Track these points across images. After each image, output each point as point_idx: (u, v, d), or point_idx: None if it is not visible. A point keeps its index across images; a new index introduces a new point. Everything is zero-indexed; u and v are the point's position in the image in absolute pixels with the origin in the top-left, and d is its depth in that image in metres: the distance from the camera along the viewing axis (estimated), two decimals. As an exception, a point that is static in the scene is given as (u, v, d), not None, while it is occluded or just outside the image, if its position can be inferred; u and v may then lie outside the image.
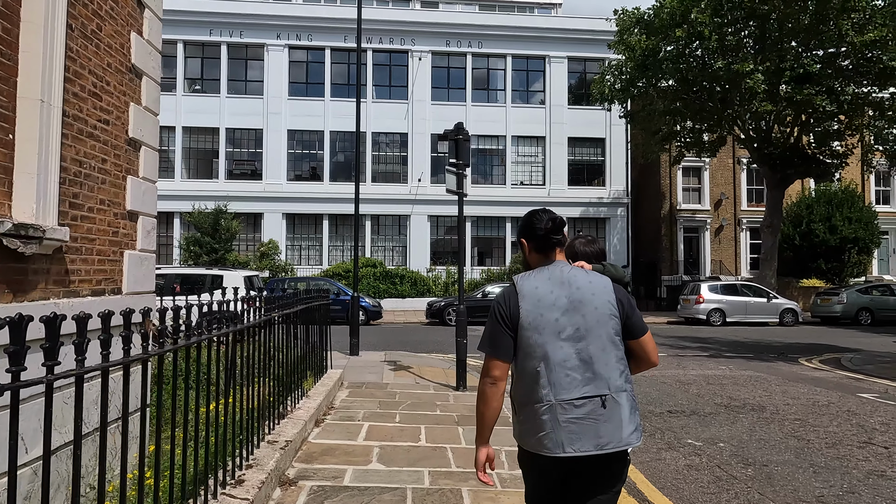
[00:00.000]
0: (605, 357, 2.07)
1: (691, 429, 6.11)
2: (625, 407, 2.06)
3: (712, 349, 13.22)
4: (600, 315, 2.10)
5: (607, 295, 2.15)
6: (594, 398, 2.04)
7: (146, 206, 5.47)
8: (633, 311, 2.21)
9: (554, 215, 2.29)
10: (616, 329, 2.12)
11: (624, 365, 2.12)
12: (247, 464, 3.92)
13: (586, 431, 2.01)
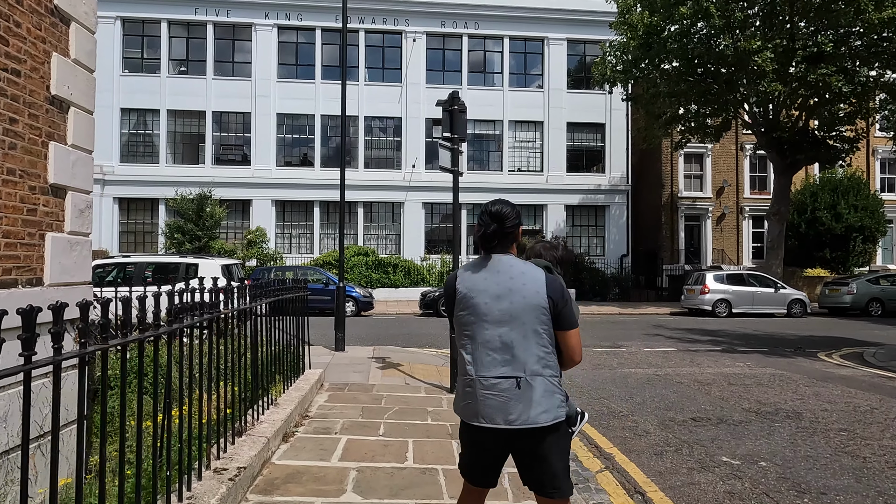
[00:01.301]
0: (525, 343, 2.25)
1: (723, 442, 5.27)
2: (537, 390, 2.23)
3: (724, 343, 12.42)
4: (529, 307, 2.26)
5: (537, 286, 2.27)
6: (510, 378, 2.25)
7: (77, 179, 4.54)
8: (564, 304, 2.30)
9: (497, 219, 2.37)
10: (542, 319, 2.26)
11: (546, 353, 2.27)
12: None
13: (499, 407, 2.25)
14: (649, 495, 4.10)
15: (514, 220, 2.38)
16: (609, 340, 12.62)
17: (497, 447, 2.34)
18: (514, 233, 2.39)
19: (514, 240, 2.40)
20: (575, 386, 7.78)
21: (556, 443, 2.31)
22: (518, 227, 2.40)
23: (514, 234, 2.39)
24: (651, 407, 6.61)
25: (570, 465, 4.87)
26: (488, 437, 2.30)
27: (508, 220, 2.36)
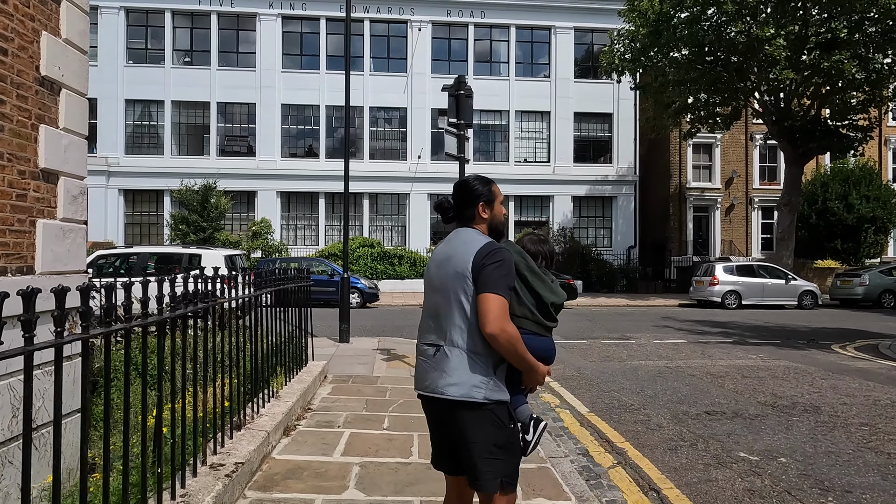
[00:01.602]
0: (448, 313, 2.21)
1: (740, 437, 5.09)
2: (451, 361, 2.17)
3: (735, 335, 12.21)
4: (454, 274, 2.20)
5: (466, 255, 2.19)
6: (434, 346, 2.24)
7: (70, 164, 4.38)
8: (483, 270, 2.14)
9: (455, 190, 2.40)
10: (464, 289, 2.17)
11: (468, 325, 2.17)
12: (172, 503, 2.90)
13: (422, 374, 2.28)
14: (665, 492, 3.93)
15: (471, 193, 2.33)
16: (618, 332, 12.43)
17: (429, 418, 2.35)
18: (473, 207, 2.32)
19: (474, 215, 2.33)
20: (584, 378, 7.61)
21: (477, 429, 2.16)
22: (477, 201, 2.32)
23: (474, 209, 2.32)
24: (663, 400, 6.43)
25: (581, 459, 4.72)
26: (423, 405, 2.35)
27: (463, 190, 2.35)
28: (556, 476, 4.01)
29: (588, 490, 3.81)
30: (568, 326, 13.42)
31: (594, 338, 11.54)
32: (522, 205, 27.99)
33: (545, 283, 2.51)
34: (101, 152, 25.71)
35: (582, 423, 5.56)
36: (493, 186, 2.39)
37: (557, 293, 2.54)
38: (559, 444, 4.90)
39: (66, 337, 2.20)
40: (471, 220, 2.32)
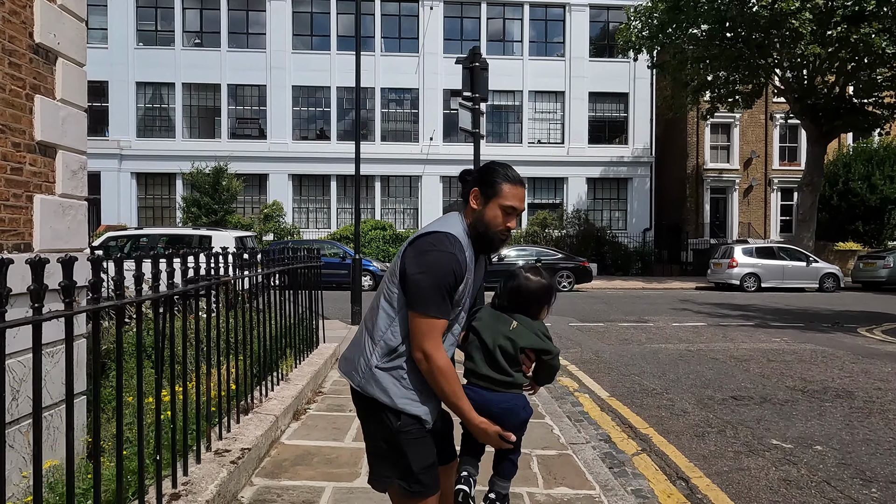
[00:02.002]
0: (371, 313, 2.00)
1: (771, 423, 4.84)
2: (353, 336, 2.08)
3: (756, 318, 11.89)
4: (387, 274, 2.00)
5: (398, 257, 1.96)
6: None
7: (68, 138, 4.18)
8: (407, 278, 1.86)
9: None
10: (389, 290, 1.94)
11: (387, 326, 1.91)
12: (173, 492, 2.73)
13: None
14: (694, 482, 3.72)
15: (479, 174, 1.99)
16: (635, 315, 12.16)
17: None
18: (468, 189, 1.98)
19: (466, 199, 1.99)
20: (602, 361, 7.38)
21: (365, 418, 2.00)
22: (475, 185, 1.96)
23: (468, 192, 1.97)
24: (686, 384, 6.19)
25: (604, 446, 4.51)
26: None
27: (479, 169, 2.02)
28: (579, 463, 3.81)
29: (612, 478, 3.60)
30: (584, 309, 13.17)
31: (611, 321, 11.29)
32: (536, 187, 27.60)
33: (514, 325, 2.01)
34: (113, 136, 25.67)
35: (602, 408, 5.35)
36: (505, 184, 1.93)
37: (525, 337, 1.99)
38: (580, 429, 4.70)
39: (76, 308, 2.12)
40: (464, 203, 1.99)
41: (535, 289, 2.02)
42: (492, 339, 1.98)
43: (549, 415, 4.86)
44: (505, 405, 1.97)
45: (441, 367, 1.82)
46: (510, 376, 1.98)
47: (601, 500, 3.28)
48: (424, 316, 1.81)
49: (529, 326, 2.01)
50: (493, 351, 1.97)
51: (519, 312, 2.02)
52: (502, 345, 1.97)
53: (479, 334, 2.01)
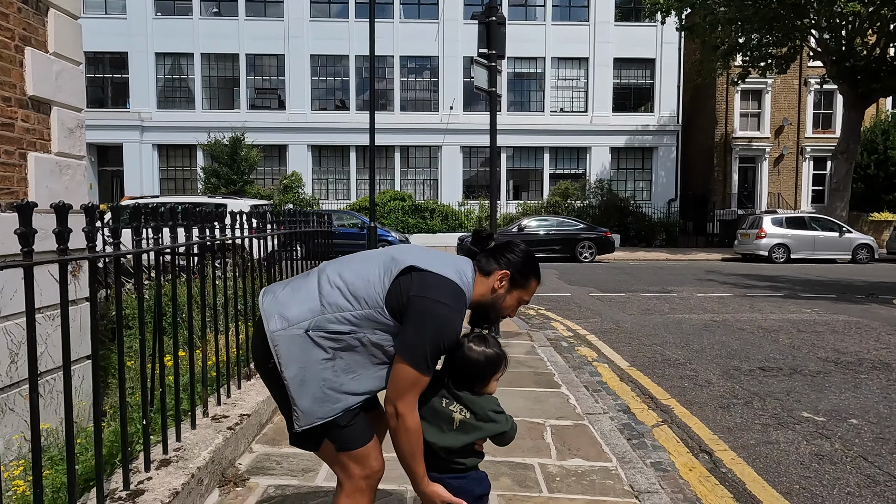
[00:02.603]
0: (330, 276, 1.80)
1: (801, 395, 4.58)
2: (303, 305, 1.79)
3: (784, 288, 11.48)
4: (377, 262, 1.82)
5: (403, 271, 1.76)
6: None
7: (63, 93, 4.01)
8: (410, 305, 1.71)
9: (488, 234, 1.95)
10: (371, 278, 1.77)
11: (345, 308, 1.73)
12: (163, 458, 2.60)
13: None
14: (718, 455, 3.50)
15: (519, 258, 1.88)
16: (658, 285, 11.84)
17: None
18: (500, 267, 1.85)
19: (490, 273, 1.84)
20: (623, 331, 7.14)
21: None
22: (510, 267, 1.85)
23: (498, 268, 1.84)
24: (711, 355, 5.93)
25: (622, 417, 4.31)
26: None
27: (517, 251, 1.90)
28: (595, 434, 3.61)
29: (630, 450, 3.40)
30: (605, 279, 12.88)
31: (633, 291, 10.99)
32: (558, 156, 27.05)
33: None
34: (133, 107, 25.73)
35: (622, 378, 5.13)
36: (535, 281, 1.90)
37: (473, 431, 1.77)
38: (597, 399, 4.49)
39: (70, 254, 2.06)
40: (485, 273, 1.83)
41: (479, 361, 1.78)
42: (436, 439, 1.76)
43: (566, 384, 4.66)
44: (456, 483, 1.78)
45: (410, 428, 1.69)
46: (462, 464, 1.80)
47: (618, 472, 3.09)
48: (415, 368, 1.66)
49: (477, 414, 1.77)
50: (439, 452, 1.77)
51: (467, 388, 1.79)
52: (448, 446, 1.76)
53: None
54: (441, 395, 1.78)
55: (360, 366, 1.73)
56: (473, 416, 1.76)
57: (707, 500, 2.96)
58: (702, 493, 3.03)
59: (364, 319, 1.70)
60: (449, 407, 1.76)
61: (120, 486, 2.32)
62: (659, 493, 2.90)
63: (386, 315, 1.69)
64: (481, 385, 1.81)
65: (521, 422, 3.80)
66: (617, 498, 2.80)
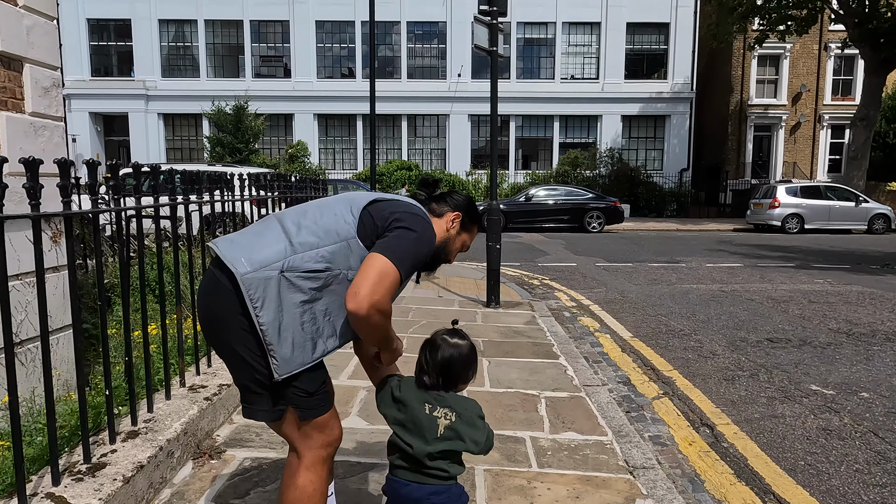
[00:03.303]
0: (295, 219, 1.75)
1: (810, 368, 4.40)
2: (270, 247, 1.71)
3: (797, 259, 11.20)
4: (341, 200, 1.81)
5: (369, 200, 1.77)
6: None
7: (36, 50, 3.81)
8: (391, 228, 1.69)
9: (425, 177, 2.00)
10: (338, 213, 1.76)
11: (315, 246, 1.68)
12: (131, 429, 2.48)
13: None
14: (720, 429, 3.34)
15: (465, 202, 1.94)
16: (666, 256, 11.60)
17: None
18: (451, 210, 1.90)
19: (443, 214, 1.88)
20: (628, 301, 6.96)
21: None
22: (458, 209, 1.91)
23: (450, 211, 1.90)
24: (717, 325, 5.75)
25: (622, 388, 4.17)
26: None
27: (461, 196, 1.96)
28: (591, 407, 3.47)
29: (628, 423, 3.26)
30: (612, 249, 12.65)
31: (640, 261, 10.77)
32: (568, 125, 26.52)
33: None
34: (138, 76, 25.44)
35: (624, 349, 4.97)
36: (477, 227, 1.97)
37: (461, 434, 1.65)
38: (597, 370, 4.34)
39: (42, 211, 2.01)
40: (437, 216, 1.87)
41: (466, 354, 1.73)
42: (418, 447, 1.64)
43: (565, 355, 4.51)
44: (436, 498, 1.65)
45: (384, 322, 1.63)
46: (445, 471, 1.66)
47: (613, 446, 2.95)
48: (394, 265, 1.60)
49: (462, 416, 1.67)
50: (422, 459, 1.65)
51: (452, 386, 1.72)
52: (431, 452, 1.64)
53: (401, 438, 1.68)
54: (423, 402, 1.68)
55: (338, 307, 1.66)
56: (459, 418, 1.66)
57: (706, 477, 2.81)
58: (701, 469, 2.88)
59: (337, 254, 1.65)
60: (433, 413, 1.66)
61: (80, 459, 2.20)
62: (655, 468, 2.75)
63: (360, 245, 1.66)
64: (464, 380, 1.75)
65: (514, 393, 3.68)
66: (610, 473, 2.67)
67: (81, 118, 25.23)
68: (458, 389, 1.74)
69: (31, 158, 1.96)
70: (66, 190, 2.19)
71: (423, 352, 1.73)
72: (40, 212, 2.00)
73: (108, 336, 3.82)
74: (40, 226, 2.06)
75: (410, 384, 1.73)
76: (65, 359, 3.64)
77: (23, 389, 3.31)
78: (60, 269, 3.81)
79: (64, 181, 2.16)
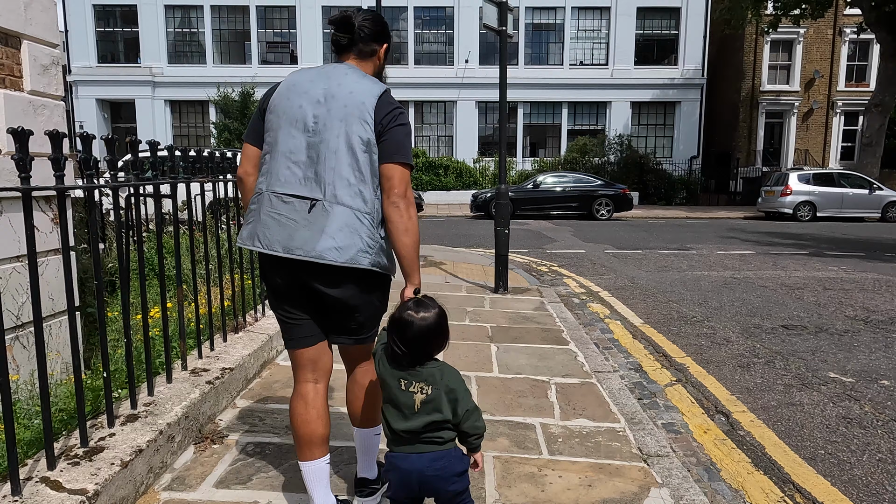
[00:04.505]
0: (333, 162, 1.79)
1: (828, 355, 4.29)
2: (335, 220, 1.77)
3: (810, 246, 11.03)
4: (346, 116, 1.79)
5: (363, 97, 1.81)
6: (307, 200, 1.80)
7: (34, 26, 3.73)
8: (391, 130, 1.80)
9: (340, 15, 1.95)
10: (361, 137, 1.78)
11: (358, 180, 1.79)
12: (130, 413, 2.42)
13: (284, 231, 1.80)
14: (735, 416, 3.25)
15: (384, 28, 1.97)
16: (676, 243, 11.45)
17: (285, 284, 1.86)
18: (379, 44, 1.96)
19: (374, 52, 1.95)
20: (638, 288, 6.85)
21: (365, 295, 1.87)
22: (380, 43, 1.96)
23: (378, 47, 1.96)
24: (730, 312, 5.63)
25: (633, 375, 4.08)
26: (272, 270, 1.86)
27: (377, 23, 1.95)
28: (603, 393, 3.38)
29: (640, 410, 3.17)
30: (622, 236, 12.51)
31: (650, 248, 10.63)
32: (577, 111, 26.23)
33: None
34: (145, 62, 25.34)
35: (635, 336, 4.87)
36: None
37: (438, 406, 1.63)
38: (608, 357, 4.25)
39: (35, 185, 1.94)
40: (368, 56, 1.94)
41: (435, 324, 1.65)
42: (399, 424, 1.65)
43: (575, 341, 4.42)
44: (437, 464, 1.63)
45: (415, 215, 1.85)
46: (440, 437, 1.65)
47: (625, 433, 2.86)
48: (408, 166, 1.83)
49: (434, 386, 1.63)
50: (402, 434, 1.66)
51: (424, 356, 1.65)
52: (410, 428, 1.63)
53: (385, 414, 1.70)
54: (399, 379, 1.64)
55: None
56: (435, 390, 1.62)
57: (722, 465, 2.72)
58: (717, 458, 2.79)
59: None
60: (409, 389, 1.63)
61: (77, 443, 2.14)
62: (670, 456, 2.66)
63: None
64: (438, 348, 1.69)
65: (523, 379, 3.59)
66: (623, 461, 2.58)
67: (88, 105, 25.20)
68: (431, 358, 1.68)
69: (20, 128, 1.88)
70: (59, 163, 2.10)
71: (391, 331, 1.66)
72: (30, 185, 1.91)
73: (112, 319, 3.76)
74: (31, 201, 1.98)
75: (386, 361, 1.69)
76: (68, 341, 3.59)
77: (24, 372, 3.26)
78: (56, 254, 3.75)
79: (56, 154, 2.08)
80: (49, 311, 3.77)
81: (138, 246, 2.66)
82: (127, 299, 2.49)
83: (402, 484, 1.65)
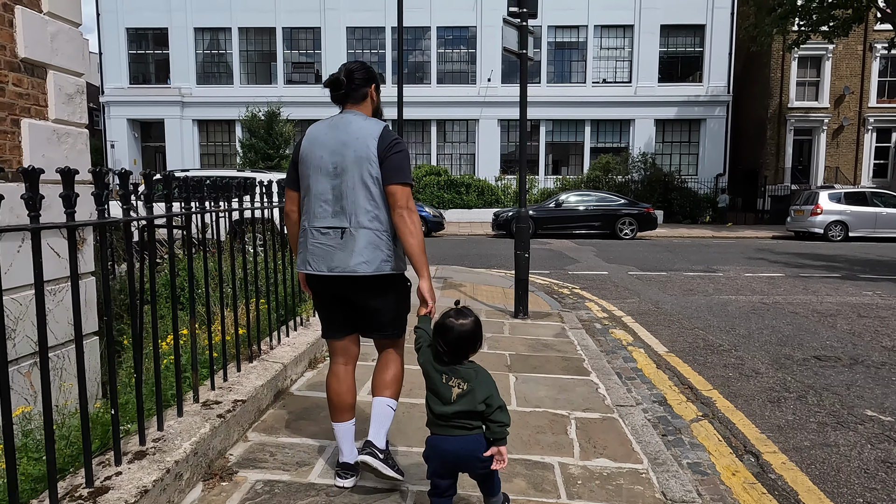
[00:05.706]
0: (353, 197, 2.32)
1: (864, 390, 4.09)
2: (360, 241, 2.31)
3: (842, 269, 10.69)
4: (357, 159, 2.31)
5: (367, 140, 2.31)
6: (338, 229, 2.35)
7: (60, 56, 3.80)
8: (388, 158, 2.31)
9: (347, 73, 2.42)
10: (370, 172, 2.30)
11: (374, 206, 2.32)
12: (139, 450, 2.37)
13: (326, 256, 2.36)
14: (766, 457, 3.09)
15: (368, 72, 2.44)
16: (702, 264, 11.21)
17: (327, 296, 2.44)
18: (367, 87, 2.44)
19: (366, 95, 2.44)
20: (662, 313, 6.68)
21: (389, 295, 2.42)
22: (371, 83, 2.44)
23: (367, 90, 2.44)
24: (760, 341, 5.44)
25: (657, 409, 3.94)
26: (318, 285, 2.43)
27: (362, 70, 2.44)
28: (625, 430, 3.25)
29: (664, 449, 3.03)
30: (645, 257, 12.30)
31: (675, 270, 10.42)
32: (600, 129, 26.09)
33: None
34: (174, 83, 25.97)
35: (659, 365, 4.72)
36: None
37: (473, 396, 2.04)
38: (630, 388, 4.11)
39: (79, 220, 2.06)
40: (362, 99, 2.43)
41: (472, 330, 2.08)
42: (438, 409, 2.06)
43: (596, 371, 4.29)
44: (466, 444, 2.05)
45: (419, 221, 2.33)
46: (470, 424, 2.05)
47: (648, 476, 2.73)
48: (406, 185, 2.31)
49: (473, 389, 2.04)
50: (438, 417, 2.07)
51: (462, 356, 2.08)
52: (447, 412, 2.04)
53: (428, 401, 2.11)
54: (441, 374, 2.06)
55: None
56: (469, 387, 2.03)
57: (752, 513, 2.58)
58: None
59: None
60: (448, 383, 2.04)
61: (83, 482, 2.10)
62: (696, 502, 2.53)
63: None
64: (473, 351, 2.09)
65: (542, 413, 3.48)
66: (646, 508, 2.45)
67: (120, 125, 25.87)
68: (468, 359, 2.09)
69: (66, 168, 2.01)
70: (101, 198, 2.25)
71: (436, 333, 2.07)
72: (75, 221, 2.03)
73: (124, 349, 3.75)
74: (76, 237, 2.11)
75: (429, 355, 2.09)
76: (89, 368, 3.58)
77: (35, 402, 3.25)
78: (84, 277, 3.77)
79: (99, 190, 2.22)
80: (68, 336, 3.79)
81: (150, 275, 2.64)
82: (138, 332, 2.46)
83: (441, 461, 2.07)
